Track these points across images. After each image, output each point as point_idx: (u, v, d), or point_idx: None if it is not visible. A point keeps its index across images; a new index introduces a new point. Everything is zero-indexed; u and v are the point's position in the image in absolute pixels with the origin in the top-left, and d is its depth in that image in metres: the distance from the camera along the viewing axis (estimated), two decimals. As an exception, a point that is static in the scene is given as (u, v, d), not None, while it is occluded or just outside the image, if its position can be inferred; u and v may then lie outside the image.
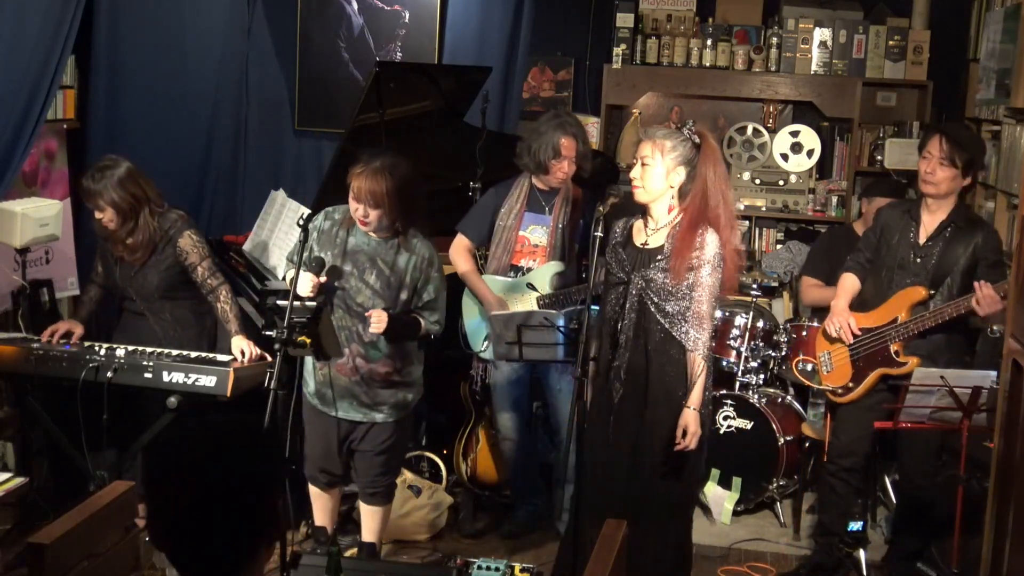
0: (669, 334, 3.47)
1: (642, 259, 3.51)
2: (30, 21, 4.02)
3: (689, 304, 3.45)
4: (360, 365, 3.77)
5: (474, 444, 4.76)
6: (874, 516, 4.71)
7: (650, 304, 3.47)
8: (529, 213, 4.39)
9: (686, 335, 3.46)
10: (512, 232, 4.37)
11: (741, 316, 5.02)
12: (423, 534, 4.48)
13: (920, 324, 3.88)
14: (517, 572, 3.03)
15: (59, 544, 2.41)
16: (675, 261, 3.43)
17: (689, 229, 3.44)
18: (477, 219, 4.49)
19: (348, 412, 3.82)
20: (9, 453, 4.35)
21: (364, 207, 3.64)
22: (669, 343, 3.48)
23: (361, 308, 3.71)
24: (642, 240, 3.53)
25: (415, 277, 3.76)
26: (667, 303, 3.45)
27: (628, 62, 6.20)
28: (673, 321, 3.46)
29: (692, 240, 3.43)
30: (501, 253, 4.39)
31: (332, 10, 5.76)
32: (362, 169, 3.63)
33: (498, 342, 4.07)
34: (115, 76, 5.03)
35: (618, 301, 3.52)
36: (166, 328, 4.09)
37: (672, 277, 3.43)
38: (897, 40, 6.04)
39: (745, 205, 6.28)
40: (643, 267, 3.49)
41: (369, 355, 3.77)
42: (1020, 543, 2.80)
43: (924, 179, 3.92)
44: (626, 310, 3.49)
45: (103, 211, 3.96)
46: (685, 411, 3.48)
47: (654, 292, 3.46)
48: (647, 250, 3.51)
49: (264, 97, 5.86)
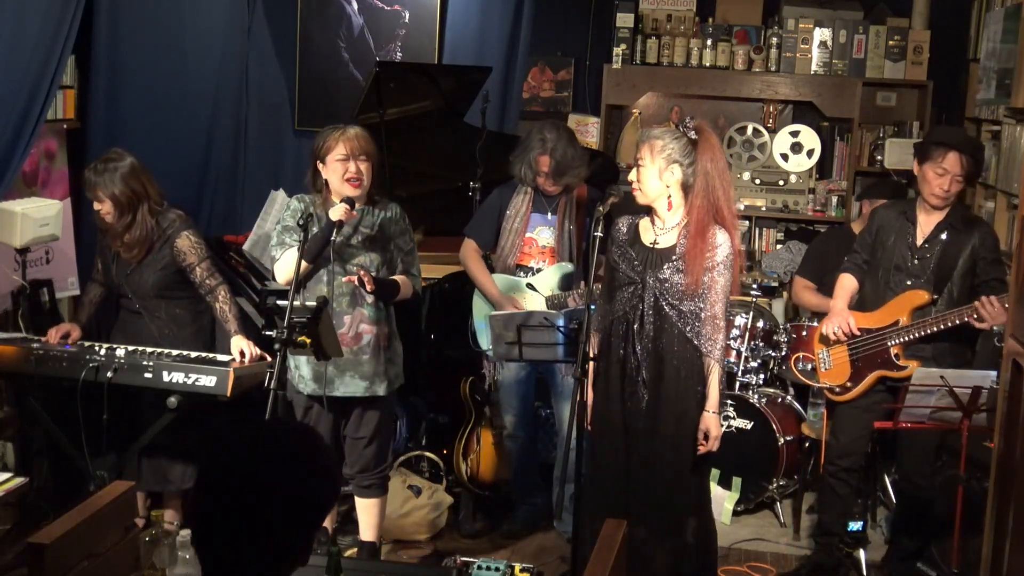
0: (684, 335, 3.44)
1: (653, 259, 3.47)
2: (30, 21, 4.02)
3: (703, 305, 3.43)
4: (363, 331, 3.78)
5: (474, 444, 4.76)
6: (874, 516, 4.71)
7: (666, 305, 3.44)
8: (535, 215, 4.42)
9: (701, 337, 3.43)
10: (518, 234, 4.40)
11: (741, 316, 5.02)
12: (423, 534, 4.48)
13: (921, 329, 3.87)
14: (517, 572, 3.03)
15: (59, 544, 2.41)
16: (691, 264, 3.39)
17: (700, 229, 3.41)
18: (483, 222, 4.52)
19: (349, 387, 3.80)
20: (9, 453, 4.35)
21: (357, 163, 3.71)
22: (684, 344, 3.45)
23: (359, 268, 3.76)
24: (651, 239, 3.50)
25: (394, 230, 3.87)
26: (683, 304, 3.43)
27: (628, 62, 6.20)
28: (688, 322, 3.43)
29: (704, 241, 3.40)
30: (507, 255, 4.42)
31: (332, 10, 5.76)
32: (340, 132, 3.73)
33: (498, 342, 4.07)
34: (115, 76, 5.03)
35: (630, 301, 3.48)
36: (161, 327, 4.09)
37: (689, 279, 3.40)
38: (897, 40, 6.04)
39: (745, 205, 6.28)
40: (656, 268, 3.46)
41: (374, 316, 3.79)
42: (1020, 543, 2.80)
43: (936, 194, 3.88)
44: (642, 312, 3.46)
45: (102, 203, 3.97)
46: (705, 415, 3.47)
47: (670, 293, 3.43)
48: (658, 250, 3.48)
49: (264, 97, 5.86)
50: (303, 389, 3.84)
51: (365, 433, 3.88)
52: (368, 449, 3.89)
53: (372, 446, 3.90)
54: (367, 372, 3.82)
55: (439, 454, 4.89)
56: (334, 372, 3.78)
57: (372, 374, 3.82)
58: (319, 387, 3.81)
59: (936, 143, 3.90)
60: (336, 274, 3.75)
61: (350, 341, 3.78)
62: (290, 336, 3.39)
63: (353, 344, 3.78)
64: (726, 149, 6.33)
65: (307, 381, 3.83)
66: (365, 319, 3.79)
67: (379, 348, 3.83)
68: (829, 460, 4.19)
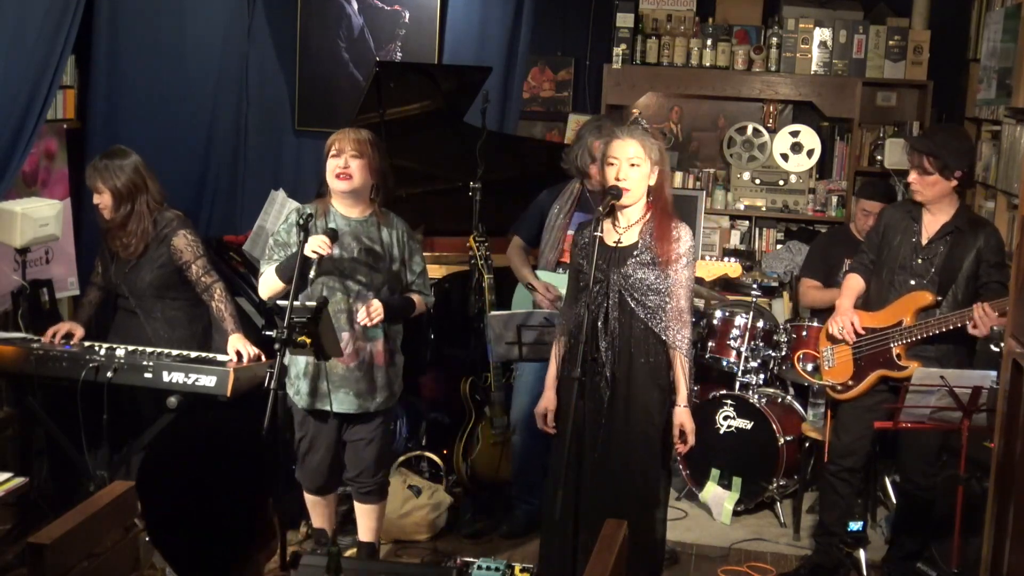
0: (650, 330, 3.48)
1: (616, 257, 3.50)
2: (30, 21, 4.02)
3: (668, 299, 3.47)
4: (360, 348, 3.76)
5: (474, 444, 4.76)
6: (874, 516, 4.71)
7: (631, 300, 3.48)
8: (579, 213, 4.45)
9: (667, 331, 3.48)
10: (561, 231, 4.44)
11: (741, 316, 5.02)
12: (423, 534, 4.48)
13: (924, 330, 3.87)
14: (517, 572, 3.03)
15: (59, 544, 2.41)
16: (661, 256, 3.45)
17: (664, 222, 3.49)
18: (529, 220, 4.61)
19: (343, 403, 3.79)
20: (9, 453, 4.35)
21: (346, 157, 3.68)
22: (649, 338, 3.49)
23: (361, 285, 3.73)
24: (614, 239, 3.52)
25: (401, 249, 3.83)
26: (647, 298, 3.48)
27: (628, 62, 6.20)
28: (653, 316, 3.47)
29: (669, 233, 3.48)
30: (549, 251, 4.47)
31: (332, 10, 5.76)
32: (341, 131, 3.76)
33: (498, 342, 4.08)
34: (115, 76, 5.03)
35: (595, 300, 3.49)
36: (156, 328, 4.09)
37: (658, 271, 3.45)
38: (897, 40, 6.04)
39: (745, 205, 6.28)
40: (620, 265, 3.49)
41: (370, 334, 3.77)
42: (1020, 543, 2.80)
43: (911, 189, 4.02)
44: (607, 309, 3.48)
45: (101, 194, 3.98)
46: (677, 410, 3.52)
47: (634, 288, 3.47)
48: (621, 248, 3.51)
49: (264, 97, 5.86)
50: (300, 404, 3.82)
51: (363, 436, 3.87)
52: (366, 452, 3.88)
53: (370, 449, 3.88)
54: (362, 390, 3.79)
55: (439, 454, 4.89)
56: (330, 388, 3.75)
57: (367, 392, 3.80)
58: (315, 402, 3.79)
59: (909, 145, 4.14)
60: (334, 289, 3.72)
61: (347, 358, 3.74)
62: (290, 336, 3.39)
63: (350, 361, 3.75)
64: (726, 149, 6.33)
65: (303, 396, 3.81)
66: (362, 336, 3.76)
67: (374, 366, 3.79)
68: (831, 459, 4.19)
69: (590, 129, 4.40)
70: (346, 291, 3.73)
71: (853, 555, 4.29)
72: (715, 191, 6.35)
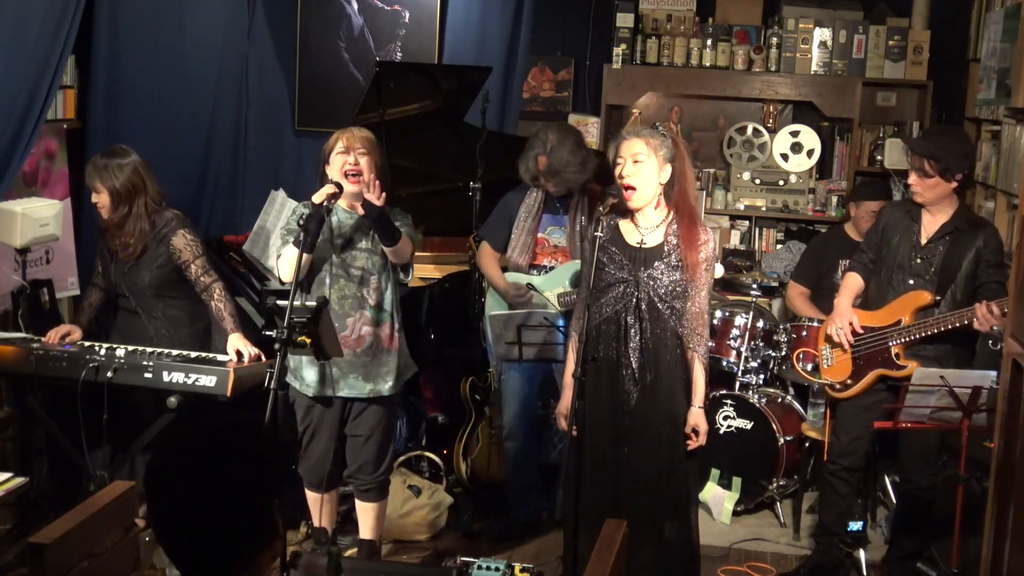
0: (674, 332, 3.50)
1: (642, 258, 3.51)
2: (30, 21, 4.02)
3: (690, 302, 3.50)
4: (366, 334, 3.78)
5: (474, 444, 4.76)
6: (874, 516, 4.71)
7: (660, 303, 3.49)
8: (547, 215, 4.48)
9: (689, 334, 3.50)
10: (530, 235, 4.46)
11: (741, 316, 5.02)
12: (423, 534, 4.48)
13: (923, 329, 3.88)
14: (517, 572, 3.02)
15: (59, 544, 2.41)
16: (687, 260, 3.47)
17: (689, 226, 3.50)
18: (496, 224, 4.60)
19: (352, 388, 3.80)
20: (9, 453, 4.35)
21: (356, 155, 3.71)
22: (673, 341, 3.51)
23: (362, 271, 3.76)
24: (636, 239, 3.53)
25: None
26: (675, 301, 3.50)
27: (628, 62, 6.20)
28: (678, 319, 3.50)
29: (696, 238, 3.48)
30: (519, 255, 4.48)
31: (332, 10, 5.76)
32: (342, 131, 3.78)
33: (498, 342, 4.08)
34: (115, 76, 5.03)
35: (621, 301, 3.51)
36: (157, 327, 4.09)
37: (686, 275, 3.47)
38: (897, 40, 6.04)
39: (745, 205, 6.28)
40: (646, 266, 3.49)
41: (376, 318, 3.79)
42: (1020, 543, 2.80)
43: (911, 191, 4.02)
44: (633, 310, 3.49)
45: (99, 194, 3.99)
46: (693, 410, 3.54)
47: (665, 291, 3.48)
48: (646, 249, 3.51)
49: (264, 97, 5.86)
50: (306, 392, 3.83)
51: (364, 431, 3.88)
52: (367, 447, 3.89)
53: (371, 443, 3.89)
54: (371, 373, 3.81)
55: (439, 454, 4.89)
56: (338, 374, 3.78)
57: (376, 375, 3.82)
58: (323, 388, 3.81)
59: (909, 148, 4.13)
60: (338, 277, 3.75)
61: (353, 343, 3.77)
62: (290, 336, 3.39)
63: (356, 346, 3.78)
64: (726, 149, 6.33)
65: (309, 384, 3.82)
66: (368, 321, 3.79)
67: (382, 349, 3.83)
68: (831, 459, 4.19)
69: (534, 142, 4.44)
70: (349, 278, 3.77)
71: (853, 555, 4.29)
72: (715, 191, 6.35)
